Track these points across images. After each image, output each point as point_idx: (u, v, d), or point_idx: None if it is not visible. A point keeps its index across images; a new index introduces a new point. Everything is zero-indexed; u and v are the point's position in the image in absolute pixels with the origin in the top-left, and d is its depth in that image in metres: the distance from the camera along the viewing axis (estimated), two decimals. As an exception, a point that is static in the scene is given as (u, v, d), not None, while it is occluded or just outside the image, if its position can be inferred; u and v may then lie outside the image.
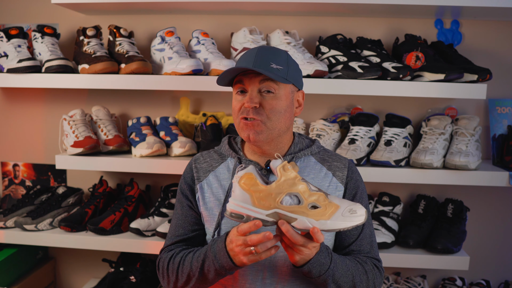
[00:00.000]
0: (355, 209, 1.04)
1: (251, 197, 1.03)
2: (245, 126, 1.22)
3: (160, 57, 1.90)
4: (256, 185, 1.02)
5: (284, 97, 1.23)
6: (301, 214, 1.02)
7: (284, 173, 1.03)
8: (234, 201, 1.04)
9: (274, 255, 1.19)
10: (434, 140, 1.85)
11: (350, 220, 1.03)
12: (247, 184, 1.03)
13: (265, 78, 1.21)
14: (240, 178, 1.04)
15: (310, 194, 1.03)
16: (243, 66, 1.20)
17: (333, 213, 1.03)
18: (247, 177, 1.03)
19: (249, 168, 1.05)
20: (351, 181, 1.29)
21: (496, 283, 2.12)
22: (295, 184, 1.03)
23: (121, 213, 1.95)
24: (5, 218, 1.98)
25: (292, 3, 1.80)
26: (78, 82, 1.84)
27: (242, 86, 1.24)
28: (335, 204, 1.04)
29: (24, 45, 1.93)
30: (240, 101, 1.24)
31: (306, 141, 1.35)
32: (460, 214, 1.94)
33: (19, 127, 2.24)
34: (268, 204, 1.02)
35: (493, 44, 2.02)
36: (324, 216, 1.02)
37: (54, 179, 2.26)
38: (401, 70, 1.76)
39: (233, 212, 1.04)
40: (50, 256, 2.32)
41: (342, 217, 1.03)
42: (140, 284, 1.97)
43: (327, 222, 1.02)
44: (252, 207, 1.03)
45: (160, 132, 1.98)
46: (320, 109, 2.09)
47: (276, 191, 1.02)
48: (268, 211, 1.02)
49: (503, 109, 2.02)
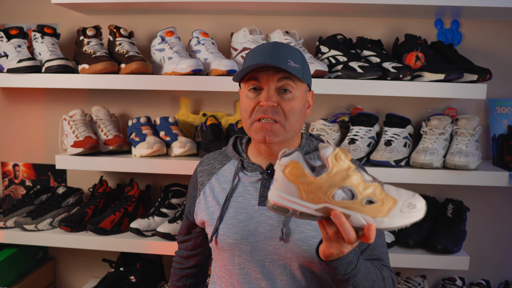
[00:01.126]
0: (414, 202, 0.93)
1: (297, 189, 0.89)
2: (261, 127, 1.15)
3: (160, 57, 1.90)
4: (304, 176, 0.89)
5: (300, 97, 1.18)
6: (355, 210, 0.89)
7: (337, 163, 0.89)
8: (277, 192, 0.91)
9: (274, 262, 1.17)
10: (434, 140, 1.85)
11: (409, 217, 0.91)
12: (294, 174, 0.89)
13: (284, 76, 1.14)
14: (285, 166, 0.90)
15: (365, 187, 0.90)
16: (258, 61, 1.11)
17: (391, 209, 0.90)
18: (294, 166, 0.89)
19: (295, 155, 0.90)
20: None
21: (496, 283, 2.12)
22: (349, 176, 0.89)
23: (121, 213, 1.95)
24: (5, 218, 1.98)
25: (292, 3, 1.79)
26: (78, 82, 1.84)
27: (257, 83, 1.16)
28: (392, 198, 0.91)
29: (24, 45, 1.93)
30: (254, 100, 1.16)
31: (314, 143, 1.29)
32: (460, 214, 1.94)
33: (19, 127, 2.24)
34: (317, 198, 0.89)
35: (493, 44, 2.02)
36: (382, 213, 0.90)
37: (54, 179, 2.26)
38: (401, 70, 1.76)
39: (277, 204, 0.91)
40: (50, 256, 2.32)
41: (401, 213, 0.91)
42: (140, 284, 1.97)
43: (384, 220, 0.90)
44: (299, 200, 0.90)
45: (160, 132, 1.98)
46: (320, 109, 2.09)
47: (327, 183, 0.88)
48: (317, 205, 0.90)
49: (503, 109, 2.02)
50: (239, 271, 1.20)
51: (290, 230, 1.15)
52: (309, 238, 1.15)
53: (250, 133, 1.20)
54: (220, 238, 1.20)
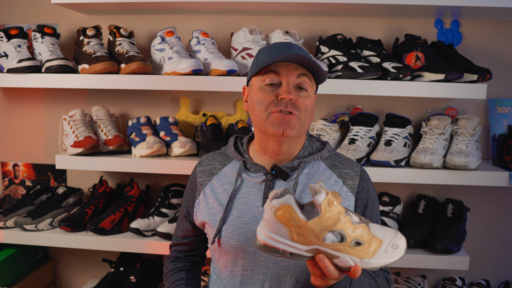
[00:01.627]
0: (397, 242, 0.98)
1: (288, 232, 0.93)
2: (280, 119, 1.14)
3: (160, 57, 1.90)
4: (296, 220, 0.92)
5: (312, 97, 1.20)
6: (344, 252, 0.94)
7: (329, 208, 0.93)
8: (267, 233, 0.94)
9: (277, 264, 1.17)
10: (434, 140, 1.85)
11: (392, 256, 0.97)
12: (286, 217, 0.92)
13: (303, 73, 1.16)
14: (277, 209, 0.93)
15: (353, 229, 0.95)
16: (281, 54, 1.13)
17: (377, 250, 0.96)
18: (286, 209, 0.92)
19: (287, 198, 0.93)
20: (362, 191, 1.23)
21: (496, 283, 2.12)
22: (339, 220, 0.93)
23: (121, 213, 1.95)
24: (5, 218, 1.98)
25: (292, 3, 1.79)
26: (78, 82, 1.84)
27: (276, 77, 1.16)
28: (378, 239, 0.96)
29: (24, 45, 1.93)
30: (272, 93, 1.16)
31: (316, 144, 1.29)
32: (460, 214, 1.94)
33: (19, 127, 2.24)
34: (308, 240, 0.93)
35: (493, 44, 2.02)
36: (368, 255, 0.95)
37: (54, 179, 2.27)
38: (401, 70, 1.76)
39: (267, 245, 0.95)
40: (50, 256, 2.32)
41: (385, 253, 0.96)
42: (140, 284, 1.97)
43: (370, 261, 0.95)
44: (290, 241, 0.93)
45: (160, 132, 1.98)
46: (320, 109, 2.09)
47: (318, 227, 0.92)
48: (308, 247, 0.94)
49: (503, 109, 2.02)
50: (242, 272, 1.20)
51: None
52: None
53: (265, 126, 1.17)
54: (224, 239, 1.20)
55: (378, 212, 1.28)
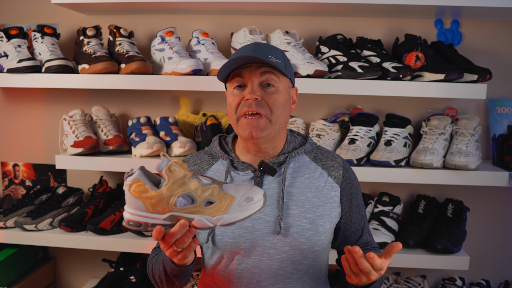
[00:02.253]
0: (251, 195, 1.01)
1: (144, 204, 0.97)
2: (247, 123, 1.18)
3: (160, 57, 1.90)
4: (147, 191, 0.97)
5: (283, 91, 1.22)
6: (197, 213, 0.98)
7: (172, 174, 0.98)
8: (128, 210, 0.99)
9: (271, 257, 1.20)
10: (434, 140, 1.85)
11: (247, 209, 1.00)
12: (137, 191, 0.97)
13: (266, 71, 1.19)
14: (129, 185, 0.98)
15: (203, 190, 0.99)
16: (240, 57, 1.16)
17: (229, 206, 0.99)
18: (136, 183, 0.97)
19: (137, 173, 0.98)
20: (346, 181, 1.28)
21: (496, 283, 2.12)
22: (186, 183, 0.98)
23: (121, 213, 1.94)
24: (5, 218, 1.98)
25: (292, 3, 1.79)
26: (78, 82, 1.84)
27: (241, 79, 1.20)
28: (230, 195, 1.00)
29: (24, 45, 1.93)
30: (238, 96, 1.20)
31: (298, 139, 1.33)
32: (460, 214, 1.94)
33: (19, 127, 2.24)
34: (162, 209, 0.97)
35: (493, 44, 2.02)
36: (221, 211, 0.99)
37: (54, 179, 2.26)
38: (401, 70, 1.76)
39: (130, 221, 0.99)
40: (50, 256, 2.32)
41: (239, 207, 0.99)
42: (140, 284, 1.97)
43: (224, 216, 0.99)
44: (147, 213, 0.98)
45: (160, 132, 1.98)
46: (320, 109, 2.09)
47: (167, 194, 0.97)
48: (164, 215, 0.98)
49: (503, 109, 2.02)
50: (236, 267, 1.22)
51: (287, 225, 1.20)
52: (306, 231, 1.20)
53: (237, 130, 1.22)
54: (217, 237, 1.22)
55: (361, 198, 1.33)
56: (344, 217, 1.28)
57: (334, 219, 1.25)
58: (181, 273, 1.13)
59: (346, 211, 1.28)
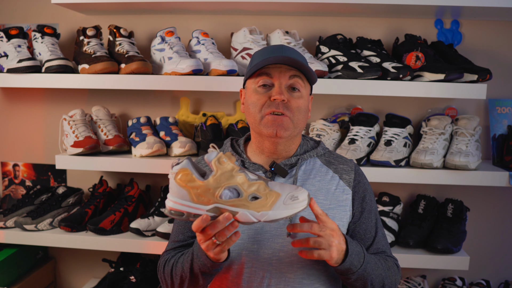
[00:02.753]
0: (297, 195, 1.01)
1: (189, 194, 0.98)
2: (273, 121, 1.17)
3: (160, 57, 1.90)
4: (193, 181, 0.98)
5: (306, 97, 1.22)
6: (242, 207, 0.99)
7: (220, 166, 0.98)
8: (172, 198, 1.00)
9: (280, 260, 1.18)
10: (434, 140, 1.85)
11: (292, 208, 1.00)
12: (184, 180, 0.98)
13: (295, 74, 1.19)
14: (175, 174, 0.98)
15: (249, 185, 0.99)
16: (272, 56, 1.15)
17: (275, 202, 0.99)
18: (183, 172, 0.98)
19: (184, 162, 0.99)
20: (358, 185, 1.27)
21: (496, 283, 2.12)
22: (233, 176, 0.99)
23: (121, 213, 1.95)
24: (5, 218, 1.98)
25: (292, 3, 1.80)
26: (78, 82, 1.84)
27: (268, 78, 1.19)
28: (276, 192, 1.00)
29: (24, 45, 1.93)
30: (264, 95, 1.19)
31: (311, 143, 1.33)
32: (460, 214, 1.94)
33: (19, 127, 2.24)
34: (207, 200, 0.98)
35: (493, 44, 2.02)
36: (265, 207, 0.99)
37: (54, 179, 2.27)
38: (401, 70, 1.76)
39: (172, 209, 1.00)
40: (50, 256, 2.32)
41: (284, 205, 1.00)
42: (140, 284, 1.97)
43: (269, 212, 0.99)
44: (191, 203, 0.99)
45: (160, 132, 1.98)
46: (320, 109, 2.09)
47: (214, 185, 0.98)
48: (208, 206, 0.99)
49: (503, 109, 2.02)
50: (245, 270, 1.20)
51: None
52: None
53: (259, 128, 1.20)
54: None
55: (375, 204, 1.31)
56: (353, 221, 1.26)
57: (345, 223, 1.24)
58: (212, 270, 1.12)
59: (356, 215, 1.26)
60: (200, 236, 1.02)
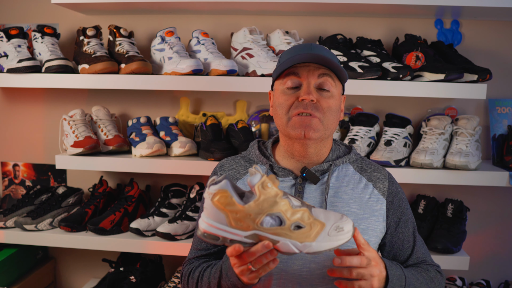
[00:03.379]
0: (342, 225, 0.94)
1: (226, 217, 0.91)
2: (300, 122, 1.12)
3: (160, 57, 1.90)
4: (233, 204, 0.90)
5: (337, 97, 1.17)
6: (284, 236, 0.92)
7: (264, 191, 0.91)
8: (207, 220, 0.93)
9: (312, 272, 1.11)
10: (434, 140, 1.85)
11: (337, 240, 0.93)
12: (222, 203, 0.90)
13: (325, 73, 1.13)
14: (213, 195, 0.91)
15: (293, 212, 0.92)
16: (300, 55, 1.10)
17: (319, 233, 0.92)
18: (222, 194, 0.91)
19: (223, 183, 0.91)
20: (393, 194, 1.22)
21: (496, 283, 2.12)
22: (276, 203, 0.92)
23: (121, 213, 1.94)
24: (5, 218, 1.98)
25: (292, 3, 1.79)
26: (78, 82, 1.84)
27: (296, 78, 1.14)
28: (320, 222, 0.94)
29: (24, 45, 1.93)
30: (292, 95, 1.14)
31: (342, 148, 1.27)
32: (460, 214, 1.94)
33: (19, 127, 2.24)
34: (246, 225, 0.91)
35: (493, 44, 2.02)
36: (309, 238, 0.92)
37: (54, 179, 2.26)
38: (401, 70, 1.76)
39: (206, 232, 0.93)
40: (50, 256, 2.32)
41: (328, 237, 0.93)
42: (140, 284, 1.97)
43: (312, 244, 0.92)
44: (229, 227, 0.91)
45: (160, 132, 1.98)
46: (320, 109, 2.09)
47: (255, 211, 0.91)
48: (246, 232, 0.92)
49: (503, 109, 2.02)
50: (274, 282, 1.13)
51: None
52: (349, 244, 1.08)
53: (286, 130, 1.16)
54: None
55: (411, 213, 1.26)
56: (390, 232, 1.21)
57: (379, 234, 1.19)
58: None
59: (392, 226, 1.21)
60: (235, 260, 0.96)
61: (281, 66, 1.14)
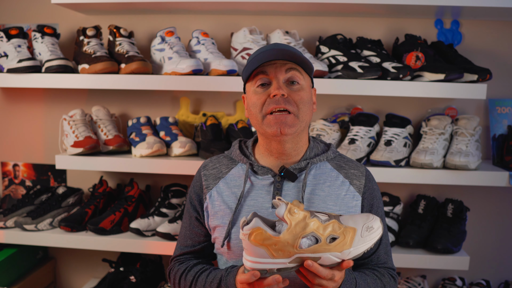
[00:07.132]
0: (371, 224, 1.01)
1: (267, 251, 0.98)
2: (275, 120, 1.15)
3: (160, 57, 1.90)
4: (269, 238, 0.97)
5: (307, 89, 1.20)
6: (324, 251, 0.98)
7: (292, 217, 0.98)
8: (250, 259, 1.00)
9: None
10: (434, 140, 1.85)
11: (370, 239, 1.01)
12: (259, 240, 0.97)
13: (292, 67, 1.17)
14: (249, 234, 0.98)
15: (324, 228, 0.99)
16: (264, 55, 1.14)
17: (353, 239, 0.99)
18: (257, 232, 0.97)
19: (254, 221, 0.98)
20: (368, 191, 1.24)
21: (496, 283, 2.12)
22: (307, 224, 0.98)
23: (121, 213, 1.95)
24: (5, 218, 1.98)
25: (292, 3, 1.79)
26: (78, 82, 1.84)
27: (265, 76, 1.17)
28: (351, 228, 1.00)
29: (24, 45, 1.93)
30: (263, 94, 1.17)
31: (321, 146, 1.29)
32: (460, 214, 1.94)
33: (19, 127, 2.24)
34: (287, 253, 0.98)
35: (493, 44, 2.02)
36: (346, 245, 0.99)
37: (54, 179, 2.26)
38: (401, 70, 1.76)
39: (255, 269, 1.00)
40: (50, 256, 2.32)
41: (362, 238, 1.00)
42: (140, 284, 1.97)
43: (350, 250, 0.99)
44: (271, 259, 0.98)
45: (160, 132, 1.98)
46: (320, 109, 2.09)
47: (291, 238, 0.97)
48: (289, 258, 0.99)
49: (503, 109, 2.02)
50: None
51: None
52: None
53: (262, 128, 1.18)
54: (233, 242, 1.19)
55: (383, 210, 1.29)
56: None
57: None
58: None
59: None
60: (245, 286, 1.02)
61: (249, 67, 1.17)
